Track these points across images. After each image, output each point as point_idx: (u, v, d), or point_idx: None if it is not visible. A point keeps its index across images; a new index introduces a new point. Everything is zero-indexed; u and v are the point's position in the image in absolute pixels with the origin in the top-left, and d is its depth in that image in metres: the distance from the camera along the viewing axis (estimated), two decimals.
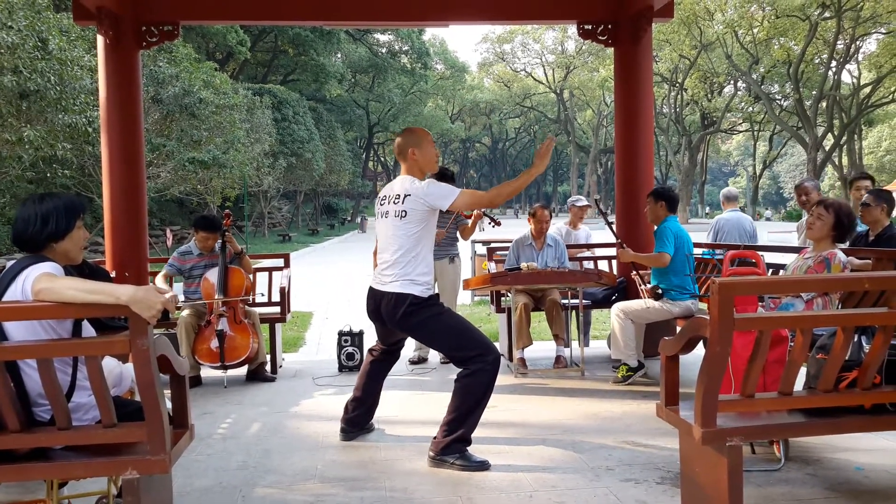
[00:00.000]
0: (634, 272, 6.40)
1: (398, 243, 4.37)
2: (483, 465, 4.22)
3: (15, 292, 2.85)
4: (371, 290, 4.53)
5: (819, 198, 4.74)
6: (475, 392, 4.33)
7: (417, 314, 4.35)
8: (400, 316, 4.35)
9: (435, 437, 4.36)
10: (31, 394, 2.91)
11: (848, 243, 5.77)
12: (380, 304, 4.45)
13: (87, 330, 3.05)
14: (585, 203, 8.54)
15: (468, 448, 4.30)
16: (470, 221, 6.94)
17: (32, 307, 2.73)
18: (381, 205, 4.55)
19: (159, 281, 6.43)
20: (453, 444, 4.26)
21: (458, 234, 7.17)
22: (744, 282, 3.29)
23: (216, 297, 6.30)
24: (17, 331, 2.86)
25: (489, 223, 7.11)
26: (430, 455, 4.31)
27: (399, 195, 4.38)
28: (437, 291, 4.40)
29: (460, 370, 4.41)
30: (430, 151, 4.50)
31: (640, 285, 6.31)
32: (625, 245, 6.38)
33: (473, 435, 4.40)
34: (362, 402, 4.79)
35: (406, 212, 4.34)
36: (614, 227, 6.74)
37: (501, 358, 4.67)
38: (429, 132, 4.66)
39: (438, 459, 4.26)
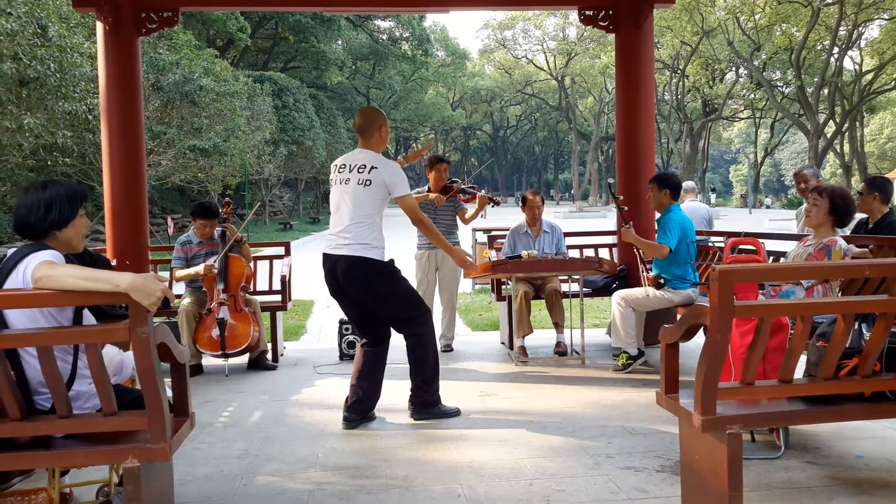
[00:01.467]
0: (637, 252, 6.37)
1: (358, 209, 4.63)
2: (457, 412, 4.99)
3: (16, 280, 2.85)
4: (324, 255, 4.74)
5: (813, 189, 4.72)
6: (428, 357, 4.88)
7: (379, 279, 4.66)
8: (362, 280, 4.64)
9: (411, 399, 4.97)
10: (31, 382, 2.92)
11: (849, 231, 5.77)
12: (335, 268, 4.66)
13: (88, 318, 3.05)
14: None
15: (441, 402, 5.01)
16: (470, 206, 6.90)
17: (32, 295, 2.73)
18: (341, 172, 4.77)
19: (179, 277, 6.52)
20: (431, 400, 4.94)
21: (459, 220, 7.14)
22: (744, 269, 3.28)
23: (217, 286, 6.30)
24: (18, 319, 2.86)
25: (490, 205, 7.10)
26: (413, 414, 4.95)
27: (365, 165, 4.67)
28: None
29: (407, 340, 4.88)
30: (388, 132, 4.96)
31: (642, 271, 6.28)
32: (631, 225, 6.25)
33: (473, 421, 4.76)
34: (361, 391, 4.82)
35: (371, 181, 4.63)
36: (626, 212, 6.67)
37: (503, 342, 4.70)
38: None
39: (424, 413, 4.92)
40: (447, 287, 7.17)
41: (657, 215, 6.34)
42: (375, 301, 4.74)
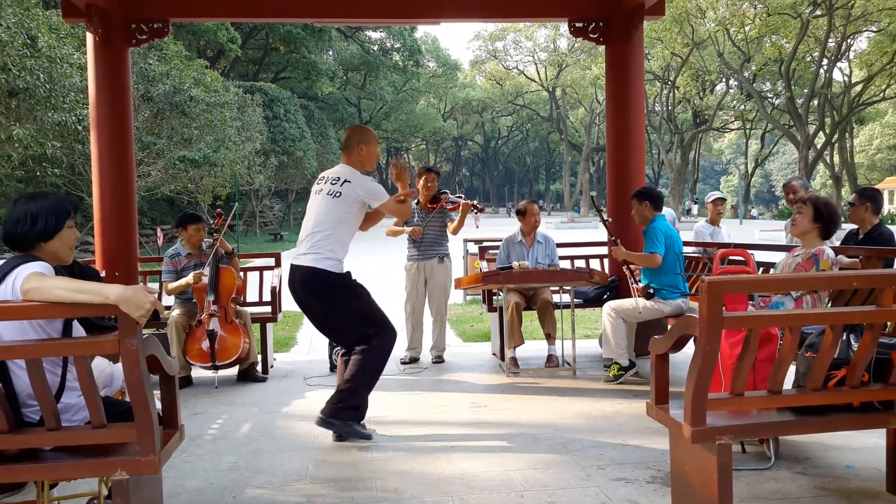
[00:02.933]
0: (626, 268, 6.39)
1: (321, 220, 4.65)
2: (368, 437, 4.65)
3: (5, 291, 2.84)
4: (290, 266, 4.77)
5: (797, 198, 4.77)
6: (370, 367, 4.68)
7: (334, 291, 4.63)
8: (318, 289, 4.63)
9: (328, 401, 4.72)
10: (20, 395, 2.90)
11: (839, 241, 5.80)
12: (294, 278, 4.68)
13: (78, 330, 3.04)
14: (720, 196, 8.37)
15: (360, 420, 4.71)
16: (457, 216, 6.91)
17: (19, 307, 2.72)
18: (318, 184, 4.81)
19: (171, 289, 6.52)
20: (345, 412, 4.64)
21: (448, 231, 7.14)
22: (733, 280, 3.29)
23: (207, 297, 6.29)
24: (7, 331, 2.85)
25: (474, 212, 7.04)
26: (320, 416, 4.67)
27: (339, 178, 4.69)
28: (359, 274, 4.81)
29: (359, 350, 4.70)
30: (374, 150, 4.91)
31: (632, 283, 6.30)
32: (618, 242, 6.35)
33: (464, 433, 4.68)
34: None
35: (341, 193, 4.64)
36: (609, 223, 6.68)
37: (494, 353, 4.66)
38: (375, 135, 5.03)
39: (327, 421, 4.65)
40: (436, 299, 7.17)
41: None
42: (332, 312, 4.74)
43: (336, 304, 4.69)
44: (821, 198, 4.59)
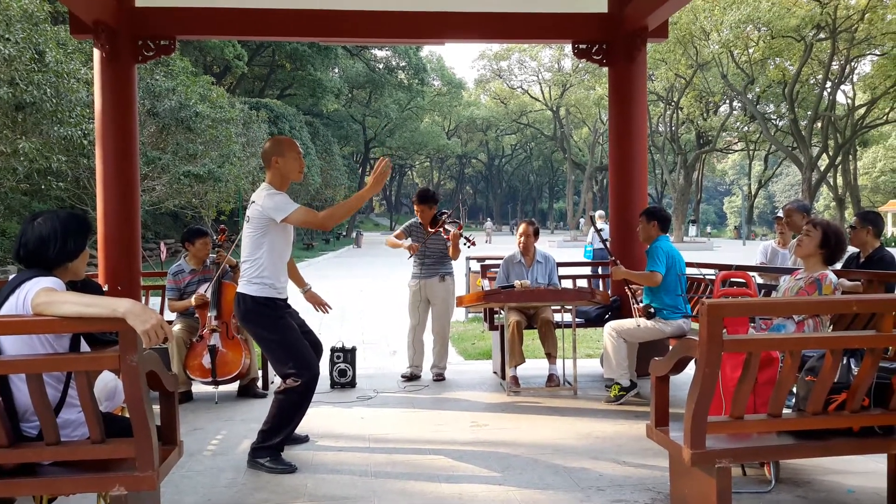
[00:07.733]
0: (627, 288, 6.41)
1: (244, 246, 4.65)
2: (290, 468, 4.49)
3: (15, 304, 2.85)
4: None
5: (808, 220, 4.76)
6: (287, 409, 4.60)
7: (255, 315, 4.60)
8: (241, 315, 4.66)
9: (253, 442, 4.65)
10: (20, 409, 2.90)
11: (841, 265, 5.80)
12: None
13: (85, 347, 3.05)
14: (778, 214, 7.66)
15: (280, 454, 4.60)
16: (451, 243, 6.94)
17: (24, 321, 2.73)
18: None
19: (174, 308, 6.59)
20: (266, 450, 4.56)
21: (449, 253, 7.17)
22: (732, 303, 3.30)
23: (209, 313, 6.30)
24: (14, 345, 2.85)
25: (464, 243, 7.06)
26: (248, 458, 4.60)
27: (252, 201, 4.61)
28: (284, 296, 4.73)
29: (280, 385, 4.65)
30: (293, 160, 4.66)
31: (633, 303, 6.31)
32: (618, 262, 6.37)
33: (464, 451, 4.65)
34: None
35: (249, 218, 4.59)
36: (609, 243, 6.69)
37: (495, 372, 4.63)
38: (295, 143, 4.80)
39: (252, 461, 4.56)
40: (438, 317, 7.18)
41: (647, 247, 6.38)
42: (256, 339, 4.76)
43: (258, 333, 4.67)
44: (832, 225, 4.58)
